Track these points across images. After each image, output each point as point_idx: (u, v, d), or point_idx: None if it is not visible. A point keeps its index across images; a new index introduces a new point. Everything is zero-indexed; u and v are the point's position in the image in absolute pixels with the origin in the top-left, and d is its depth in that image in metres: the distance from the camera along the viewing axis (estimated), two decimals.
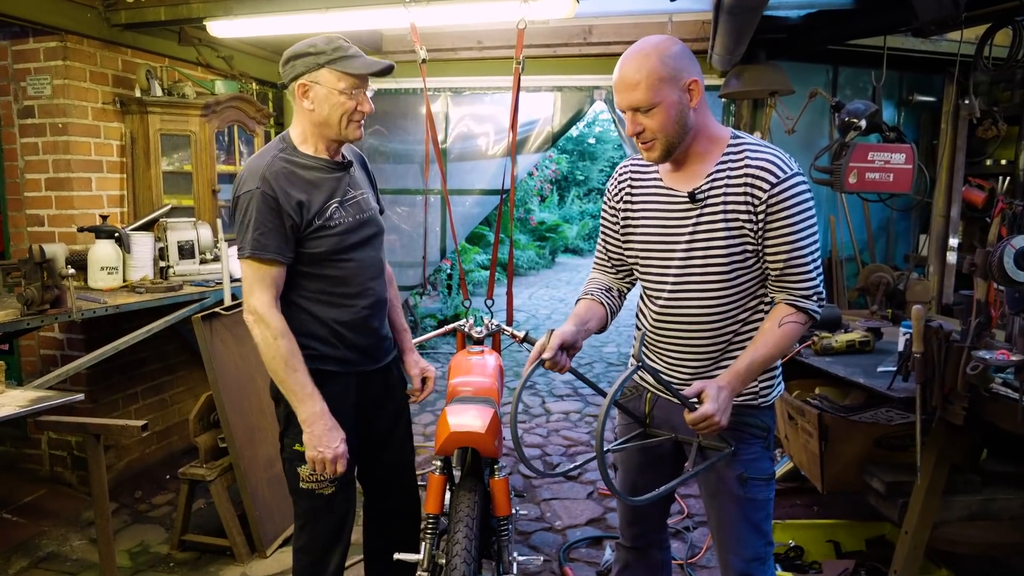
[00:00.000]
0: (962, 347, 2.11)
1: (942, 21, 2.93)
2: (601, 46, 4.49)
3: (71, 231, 3.52)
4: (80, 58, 3.51)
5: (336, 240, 1.96)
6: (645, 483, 1.98)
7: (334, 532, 2.11)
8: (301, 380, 1.88)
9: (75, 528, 3.34)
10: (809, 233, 1.69)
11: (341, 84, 1.87)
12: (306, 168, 1.94)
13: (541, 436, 4.66)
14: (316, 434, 1.89)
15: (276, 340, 1.86)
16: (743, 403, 1.80)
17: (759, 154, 1.69)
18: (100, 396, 3.70)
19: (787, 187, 1.65)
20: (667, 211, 1.78)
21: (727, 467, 1.81)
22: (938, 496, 2.42)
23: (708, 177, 1.72)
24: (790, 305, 1.71)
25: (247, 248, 1.87)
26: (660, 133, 1.66)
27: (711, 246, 1.72)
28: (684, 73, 1.65)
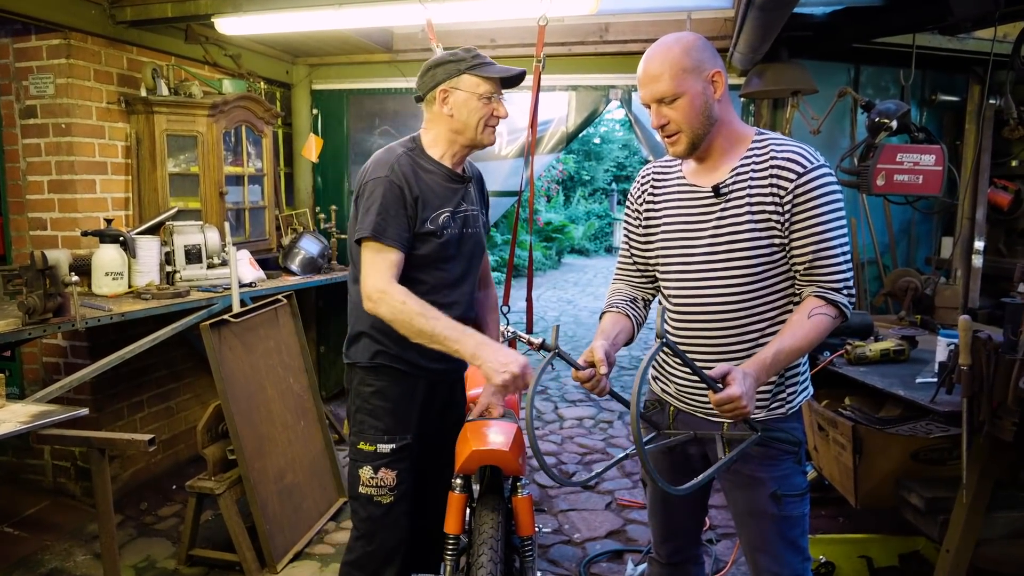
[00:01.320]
0: (1014, 360, 2.00)
1: (979, 17, 2.83)
2: (618, 44, 4.38)
3: (74, 235, 3.41)
4: (84, 56, 3.40)
5: (438, 248, 1.99)
6: (676, 499, 1.95)
7: (391, 550, 2.06)
8: (447, 323, 1.84)
9: (79, 542, 3.23)
10: (838, 225, 1.65)
11: (480, 89, 1.95)
12: (428, 172, 2.01)
13: (555, 443, 4.55)
14: (492, 358, 1.79)
15: (404, 303, 1.84)
16: (769, 414, 1.75)
17: (784, 147, 1.67)
18: (105, 405, 3.60)
19: (814, 177, 1.63)
20: (690, 207, 1.76)
21: (759, 486, 1.75)
22: (981, 512, 2.31)
23: (732, 171, 1.70)
24: (819, 297, 1.66)
25: (366, 229, 1.89)
26: (685, 125, 1.65)
27: (735, 240, 1.68)
28: (707, 64, 1.65)
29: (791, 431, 1.77)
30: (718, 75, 1.65)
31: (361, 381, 2.09)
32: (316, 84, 4.97)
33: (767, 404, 1.76)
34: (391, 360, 2.03)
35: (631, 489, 3.85)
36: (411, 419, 2.06)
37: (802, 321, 1.64)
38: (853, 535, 2.96)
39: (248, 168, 4.13)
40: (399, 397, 2.02)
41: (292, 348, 3.55)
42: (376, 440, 2.05)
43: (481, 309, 2.35)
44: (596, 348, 1.65)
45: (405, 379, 2.05)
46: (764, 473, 1.75)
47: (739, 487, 1.81)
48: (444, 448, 2.18)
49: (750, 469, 1.76)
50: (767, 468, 1.75)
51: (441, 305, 2.00)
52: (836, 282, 1.66)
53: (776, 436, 1.73)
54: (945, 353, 2.43)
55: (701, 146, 1.69)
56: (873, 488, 2.64)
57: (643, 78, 1.66)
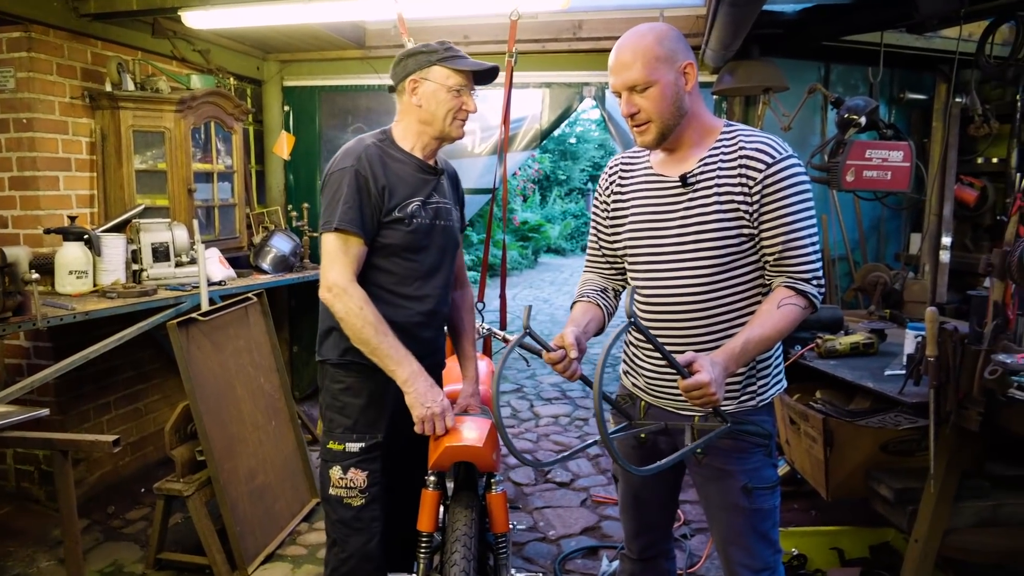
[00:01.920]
0: (979, 351, 2.02)
1: (944, 16, 2.87)
2: (591, 41, 4.38)
3: (37, 233, 3.33)
4: (46, 50, 3.32)
5: (408, 237, 1.99)
6: (647, 495, 1.97)
7: (365, 556, 2.03)
8: (393, 343, 1.90)
9: (43, 547, 3.15)
10: (807, 216, 1.65)
11: (450, 81, 1.95)
12: (398, 161, 2.01)
13: (531, 441, 4.54)
14: (420, 391, 1.91)
15: (362, 308, 1.88)
16: (740, 406, 1.75)
17: (753, 137, 1.67)
18: (70, 407, 3.52)
19: (782, 168, 1.63)
20: (658, 197, 1.75)
21: (729, 479, 1.76)
22: (949, 502, 2.34)
23: (700, 161, 1.69)
24: (789, 288, 1.66)
25: (333, 221, 1.90)
26: (655, 114, 1.64)
27: (703, 230, 1.67)
28: (680, 55, 1.64)
29: (761, 424, 1.77)
30: (690, 66, 1.65)
31: (331, 378, 2.07)
32: (288, 80, 4.91)
33: (737, 396, 1.76)
34: (362, 356, 2.01)
35: (606, 486, 3.85)
36: (382, 417, 2.03)
37: (771, 311, 1.64)
38: (825, 527, 2.99)
39: (218, 165, 4.06)
40: (370, 394, 2.00)
41: (263, 347, 3.50)
42: (345, 439, 2.03)
43: (457, 309, 2.33)
44: (567, 333, 1.64)
45: (376, 375, 2.02)
46: (734, 466, 1.75)
47: (710, 481, 1.81)
48: (418, 446, 2.15)
49: (720, 462, 1.76)
50: (737, 461, 1.75)
51: (412, 297, 2.02)
52: (805, 273, 1.66)
53: (746, 429, 1.73)
54: (913, 345, 2.46)
55: (670, 137, 1.69)
56: (844, 480, 2.66)
57: (615, 65, 1.66)
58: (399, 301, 2.03)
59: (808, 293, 1.66)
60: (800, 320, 1.66)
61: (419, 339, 2.07)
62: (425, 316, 2.06)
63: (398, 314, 2.02)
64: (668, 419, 1.81)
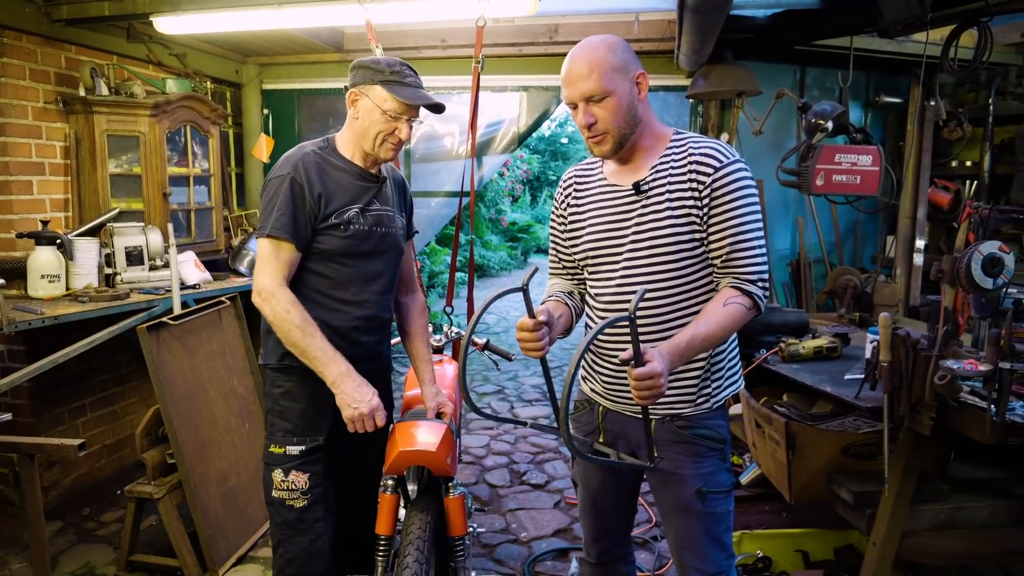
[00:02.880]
0: (929, 356, 2.05)
1: (908, 22, 2.90)
2: (568, 45, 4.36)
3: (10, 237, 3.34)
4: (18, 55, 3.33)
5: (345, 243, 2.00)
6: (606, 500, 1.99)
7: (311, 556, 2.04)
8: (320, 344, 1.92)
9: (15, 550, 3.17)
10: (753, 219, 1.69)
11: (386, 105, 1.95)
12: (337, 169, 2.02)
13: (509, 443, 4.56)
14: (348, 391, 1.92)
15: (288, 311, 1.90)
16: (695, 409, 1.77)
17: (701, 143, 1.71)
18: (44, 410, 3.53)
19: (730, 171, 1.66)
20: (612, 207, 1.78)
21: (684, 483, 1.77)
22: (906, 506, 2.37)
23: (652, 169, 1.73)
24: (735, 288, 1.68)
25: (267, 227, 1.93)
26: (612, 124, 1.67)
27: (657, 235, 1.70)
28: (632, 65, 1.68)
29: (716, 428, 1.79)
30: (642, 76, 1.69)
31: (271, 382, 2.09)
32: (267, 84, 4.92)
33: (693, 398, 1.77)
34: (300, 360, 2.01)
35: None
36: (323, 421, 2.04)
37: (717, 309, 1.66)
38: (790, 530, 3.01)
39: (194, 169, 4.07)
40: (310, 398, 2.01)
41: (236, 350, 3.52)
42: (285, 442, 2.04)
43: (407, 312, 2.35)
44: (540, 311, 1.65)
45: (315, 379, 2.01)
46: (689, 470, 1.77)
47: (664, 485, 1.82)
48: (371, 449, 2.17)
49: (674, 466, 1.78)
50: (692, 465, 1.77)
51: (350, 302, 2.04)
52: (751, 274, 1.68)
53: (700, 433, 1.76)
54: (870, 350, 2.48)
55: (625, 147, 1.72)
56: (806, 483, 2.68)
57: (569, 77, 1.67)
58: (337, 305, 2.04)
59: (753, 294, 1.68)
60: (745, 320, 1.69)
61: (358, 343, 2.08)
62: (363, 320, 2.07)
63: (336, 318, 2.03)
64: (625, 424, 1.84)
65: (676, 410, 1.78)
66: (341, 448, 2.12)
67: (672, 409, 1.78)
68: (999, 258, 2.03)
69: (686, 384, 1.76)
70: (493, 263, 12.37)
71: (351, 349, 2.05)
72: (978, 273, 2.02)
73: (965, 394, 2.08)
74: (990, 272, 2.03)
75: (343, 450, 2.14)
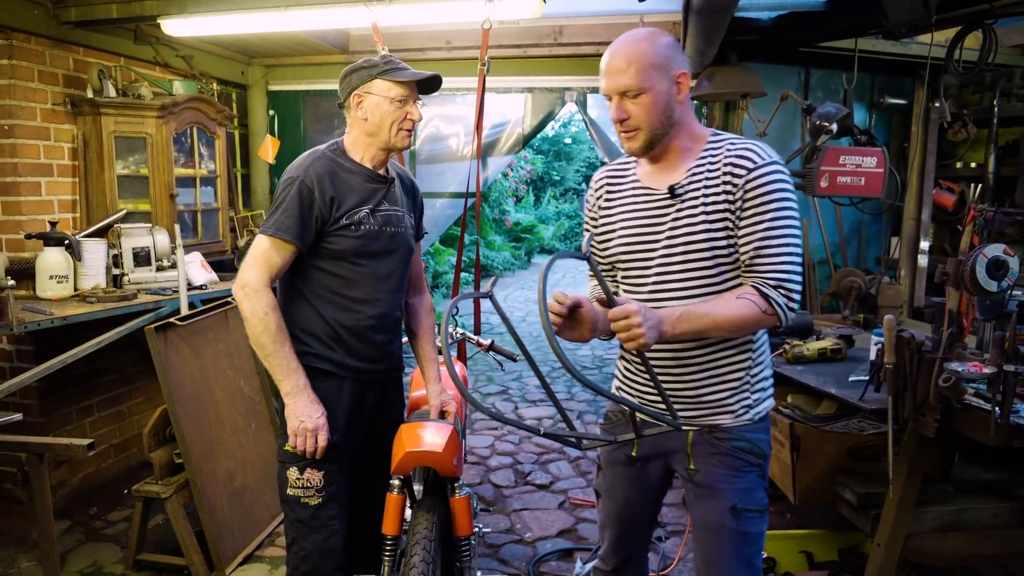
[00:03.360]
0: (934, 358, 2.06)
1: (913, 24, 2.90)
2: (572, 47, 4.42)
3: (19, 238, 3.36)
4: (27, 57, 3.36)
5: (357, 243, 2.04)
6: (631, 513, 1.93)
7: (325, 554, 2.06)
8: (287, 354, 1.96)
9: (24, 548, 3.19)
10: (784, 223, 1.59)
11: (392, 93, 2.00)
12: (348, 171, 2.06)
13: (513, 443, 4.58)
14: (298, 406, 1.96)
15: (267, 314, 1.93)
16: (736, 420, 1.70)
17: (738, 145, 1.64)
18: (52, 409, 3.56)
19: (763, 172, 1.58)
20: (646, 210, 1.71)
21: (719, 497, 1.70)
22: (910, 507, 2.37)
23: (688, 172, 1.66)
24: (755, 288, 1.59)
25: (270, 227, 1.97)
26: (645, 122, 1.62)
27: (691, 240, 1.64)
28: (674, 64, 1.62)
29: (757, 442, 1.72)
30: (683, 76, 1.62)
31: None
32: (272, 85, 4.94)
33: (733, 409, 1.71)
34: (315, 360, 2.06)
35: (584, 488, 3.89)
36: (337, 419, 2.07)
37: (728, 298, 1.59)
38: (794, 531, 3.02)
39: (201, 170, 4.09)
40: (323, 397, 2.04)
41: (243, 351, 3.53)
42: None
43: (415, 312, 2.38)
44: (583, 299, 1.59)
45: (329, 379, 2.07)
46: (726, 484, 1.70)
47: (700, 498, 1.75)
48: (380, 450, 2.19)
49: (711, 479, 1.72)
50: (729, 479, 1.70)
51: (362, 301, 2.07)
52: (773, 277, 1.59)
53: (739, 445, 1.70)
54: (875, 352, 2.49)
55: (657, 147, 1.67)
56: (811, 484, 2.70)
57: (608, 69, 1.63)
58: (350, 304, 2.07)
59: (771, 298, 1.58)
60: (757, 322, 1.59)
61: (372, 342, 2.12)
62: (376, 319, 2.10)
63: (349, 317, 2.07)
64: (662, 440, 1.76)
65: (715, 420, 1.71)
66: (355, 445, 2.15)
67: (711, 419, 1.72)
68: (1004, 261, 2.04)
69: (725, 393, 1.70)
70: (497, 263, 12.38)
71: (365, 348, 2.09)
72: (983, 276, 2.03)
73: (969, 396, 2.09)
74: (995, 275, 2.04)
75: (357, 447, 2.16)
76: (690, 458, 1.72)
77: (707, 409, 1.71)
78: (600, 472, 1.98)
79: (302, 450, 1.98)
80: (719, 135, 1.70)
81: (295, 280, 2.08)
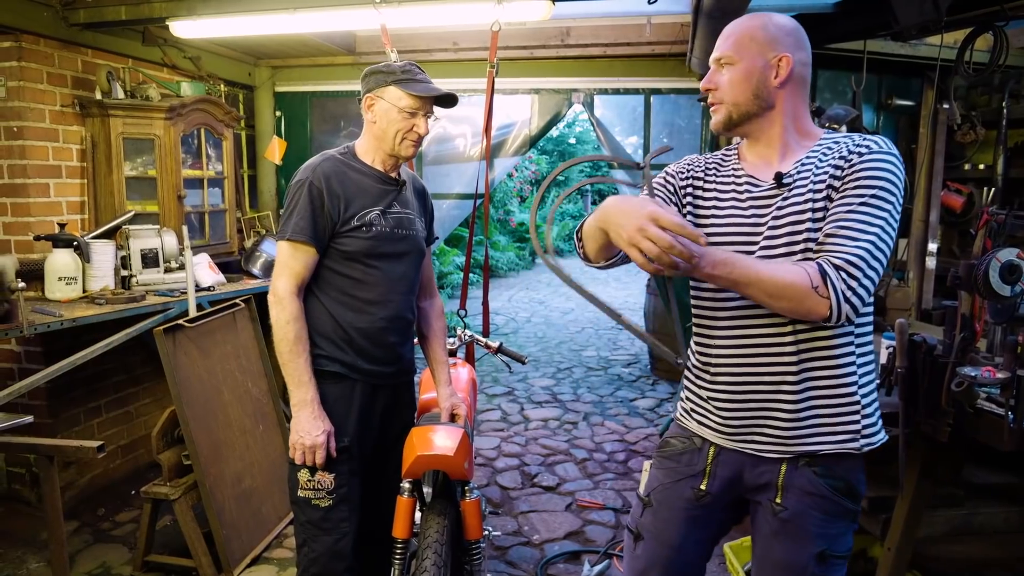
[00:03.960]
0: (947, 362, 2.05)
1: (923, 26, 2.89)
2: (579, 48, 4.41)
3: (27, 239, 3.37)
4: (36, 59, 3.36)
5: (368, 244, 2.05)
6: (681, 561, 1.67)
7: (335, 556, 2.06)
8: (301, 366, 1.98)
9: (32, 549, 3.20)
10: (876, 213, 1.39)
11: (402, 103, 2.01)
12: (358, 173, 2.08)
13: (520, 445, 4.57)
14: (301, 420, 1.97)
15: (288, 323, 1.97)
16: (841, 447, 1.50)
17: (861, 137, 1.50)
18: (60, 410, 3.56)
19: (874, 159, 1.42)
20: (748, 200, 1.55)
21: (806, 539, 1.52)
22: (921, 512, 2.37)
23: (797, 162, 1.53)
24: (816, 263, 1.37)
25: (287, 231, 2.00)
26: (728, 95, 1.53)
27: (794, 231, 1.46)
28: (779, 46, 1.51)
29: (858, 483, 1.54)
30: (786, 59, 1.49)
31: None
32: (279, 86, 4.94)
33: (836, 432, 1.50)
34: (326, 363, 2.07)
35: (591, 490, 3.89)
36: (349, 422, 2.08)
37: (782, 262, 1.43)
38: None
39: (208, 171, 4.10)
40: (334, 400, 2.05)
41: (251, 352, 3.54)
42: None
43: (426, 316, 2.39)
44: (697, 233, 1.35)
45: (341, 382, 2.08)
46: (816, 528, 1.52)
47: (782, 536, 1.55)
48: (392, 453, 2.19)
49: (801, 518, 1.53)
50: (821, 523, 1.52)
51: (375, 302, 2.08)
52: (840, 257, 1.36)
53: (838, 486, 1.51)
54: (886, 355, 2.48)
55: (743, 127, 1.56)
56: None
57: (717, 40, 1.57)
58: (362, 306, 2.08)
59: (828, 276, 1.34)
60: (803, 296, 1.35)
61: (384, 345, 2.12)
62: (388, 321, 2.11)
63: (362, 319, 2.08)
64: (742, 465, 1.57)
65: (814, 445, 1.50)
66: (366, 448, 2.15)
67: (810, 444, 1.50)
68: (1017, 265, 2.03)
69: (829, 411, 1.50)
70: (501, 263, 12.39)
71: (378, 350, 2.10)
72: (996, 280, 2.02)
73: (982, 401, 2.08)
74: (1008, 279, 2.03)
75: (368, 450, 2.16)
76: (779, 491, 1.53)
77: (805, 432, 1.50)
78: (645, 509, 1.71)
79: (300, 463, 2.00)
80: (832, 134, 1.57)
81: (310, 283, 2.09)
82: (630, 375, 6.35)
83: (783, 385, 1.50)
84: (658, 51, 4.30)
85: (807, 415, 1.50)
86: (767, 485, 1.54)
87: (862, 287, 1.37)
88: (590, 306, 10.22)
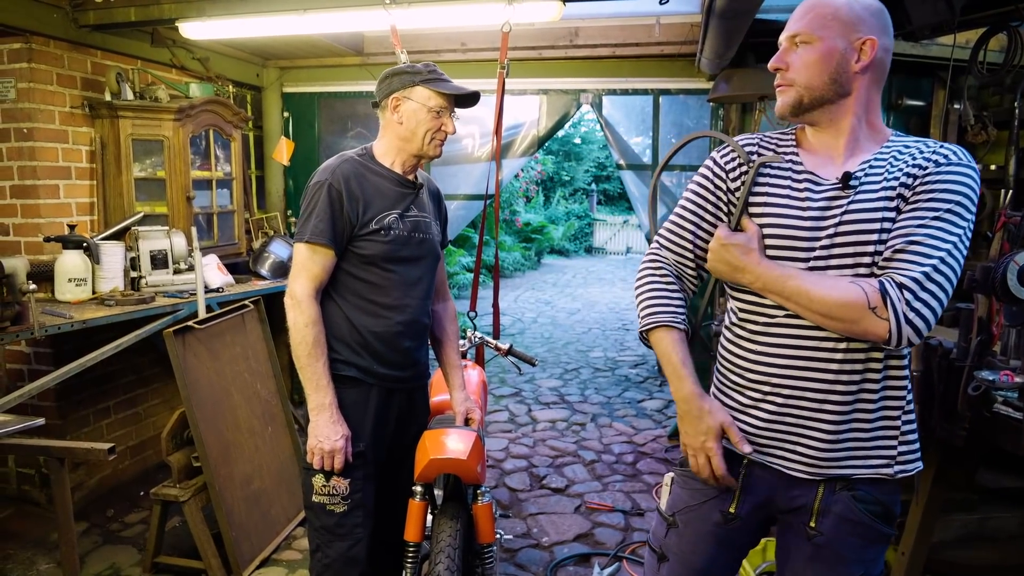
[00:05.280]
0: (963, 367, 2.03)
1: (937, 25, 2.87)
2: (587, 48, 4.40)
3: (37, 240, 3.37)
4: (46, 60, 3.36)
5: (386, 247, 2.04)
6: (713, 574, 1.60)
7: (348, 561, 2.06)
8: (320, 370, 1.97)
9: (42, 550, 3.20)
10: (948, 229, 1.30)
11: (431, 102, 2.02)
12: (377, 175, 2.07)
13: (527, 446, 4.56)
14: (319, 424, 1.96)
15: (307, 327, 1.96)
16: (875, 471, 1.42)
17: (938, 144, 1.39)
18: (69, 411, 3.57)
19: (952, 170, 1.32)
20: (807, 199, 1.41)
21: (842, 565, 1.46)
22: (936, 516, 2.35)
23: (864, 163, 1.40)
24: (878, 281, 1.30)
25: (305, 233, 1.99)
26: (801, 77, 1.39)
27: (861, 240, 1.35)
28: (863, 27, 1.37)
29: (893, 506, 1.46)
30: (870, 43, 1.36)
31: None
32: (287, 87, 4.94)
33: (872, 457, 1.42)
34: (342, 367, 2.06)
35: (600, 492, 3.87)
36: (364, 427, 2.07)
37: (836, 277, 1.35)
38: None
39: (217, 172, 4.10)
40: (350, 404, 2.04)
41: (260, 353, 3.54)
42: None
43: (439, 320, 2.38)
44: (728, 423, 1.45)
45: (357, 386, 2.07)
46: (854, 554, 1.46)
47: (817, 560, 1.48)
48: (406, 457, 2.18)
49: (839, 547, 1.46)
50: (859, 549, 1.46)
51: (391, 307, 2.07)
52: (905, 275, 1.28)
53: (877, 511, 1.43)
54: None
55: (811, 114, 1.42)
56: None
57: (791, 16, 1.44)
58: (379, 310, 2.07)
59: (888, 296, 1.26)
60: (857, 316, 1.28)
61: (400, 349, 2.11)
62: (404, 325, 2.10)
63: (378, 323, 2.07)
64: (776, 485, 1.49)
65: (847, 469, 1.42)
66: (381, 453, 2.14)
67: (843, 467, 1.42)
68: None
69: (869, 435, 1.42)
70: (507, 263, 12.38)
71: (393, 355, 2.09)
72: (1014, 283, 2.00)
73: (998, 405, 2.06)
74: None
75: (383, 455, 2.15)
76: (814, 515, 1.45)
77: (841, 452, 1.42)
78: (670, 530, 1.61)
79: (318, 467, 1.99)
80: (901, 136, 1.46)
81: (326, 286, 2.08)
82: (637, 376, 6.33)
83: (827, 404, 1.40)
84: (667, 51, 4.29)
85: (846, 436, 1.41)
86: (801, 508, 1.47)
87: (928, 309, 1.27)
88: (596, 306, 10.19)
